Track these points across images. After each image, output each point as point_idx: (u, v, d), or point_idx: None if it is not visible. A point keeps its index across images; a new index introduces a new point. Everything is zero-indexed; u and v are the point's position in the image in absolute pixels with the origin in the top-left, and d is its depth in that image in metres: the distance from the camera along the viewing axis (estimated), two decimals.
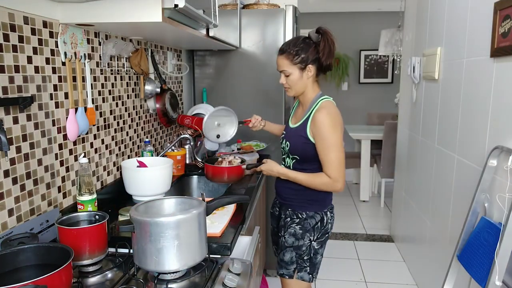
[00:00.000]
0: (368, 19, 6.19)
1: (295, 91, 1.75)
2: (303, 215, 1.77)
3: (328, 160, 1.65)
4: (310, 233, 1.76)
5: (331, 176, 1.65)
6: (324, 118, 1.63)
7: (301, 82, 1.71)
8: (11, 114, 1.21)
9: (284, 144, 1.81)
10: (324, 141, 1.64)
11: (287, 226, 1.79)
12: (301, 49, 1.67)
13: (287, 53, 1.68)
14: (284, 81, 1.74)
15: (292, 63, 1.68)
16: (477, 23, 1.94)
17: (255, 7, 2.75)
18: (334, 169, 1.64)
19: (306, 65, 1.68)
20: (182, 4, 1.33)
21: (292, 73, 1.69)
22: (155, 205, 1.27)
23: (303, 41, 1.69)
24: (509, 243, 1.45)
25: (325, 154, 1.65)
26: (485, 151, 1.81)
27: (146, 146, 2.09)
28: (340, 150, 1.65)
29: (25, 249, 1.07)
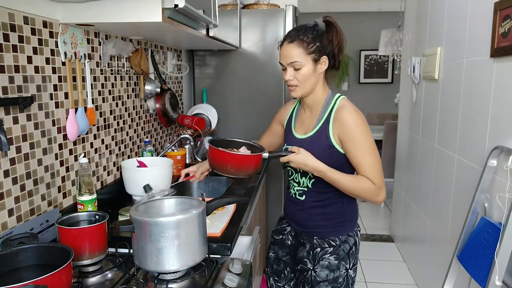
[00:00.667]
0: (368, 19, 6.19)
1: (304, 90, 1.42)
2: (336, 242, 1.48)
3: (368, 164, 1.37)
4: (346, 261, 1.48)
5: (376, 183, 1.37)
6: (355, 117, 1.38)
7: (313, 78, 1.41)
8: (11, 114, 1.21)
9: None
10: (360, 143, 1.37)
11: (318, 258, 1.48)
12: (315, 36, 1.38)
13: (300, 40, 1.36)
14: (292, 77, 1.40)
15: (307, 53, 1.37)
16: (477, 23, 1.94)
17: (255, 7, 2.75)
18: (377, 174, 1.37)
19: (321, 55, 1.39)
20: (182, 4, 1.33)
21: (305, 65, 1.37)
22: (155, 205, 1.27)
23: (314, 29, 1.39)
24: (509, 243, 1.45)
25: (363, 158, 1.37)
26: (485, 151, 1.81)
27: (146, 146, 2.09)
28: (377, 153, 1.40)
29: (25, 249, 1.07)
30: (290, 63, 1.38)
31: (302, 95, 1.44)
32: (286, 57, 1.39)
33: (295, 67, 1.38)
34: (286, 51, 1.39)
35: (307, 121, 1.50)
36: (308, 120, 1.50)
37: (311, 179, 1.47)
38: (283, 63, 1.41)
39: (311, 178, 1.47)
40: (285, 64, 1.40)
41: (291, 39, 1.38)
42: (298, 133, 1.52)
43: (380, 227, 3.99)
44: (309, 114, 1.51)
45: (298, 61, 1.37)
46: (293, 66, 1.38)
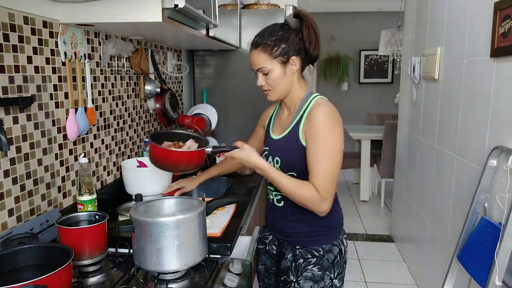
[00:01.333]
0: (368, 19, 6.19)
1: (279, 93, 1.37)
2: (319, 252, 1.41)
3: (320, 170, 1.26)
4: (330, 271, 1.42)
5: (320, 191, 1.26)
6: (323, 115, 1.29)
7: (285, 80, 1.35)
8: (11, 114, 1.21)
9: (272, 161, 1.42)
10: (320, 145, 1.27)
11: (301, 270, 1.41)
12: (280, 38, 1.31)
13: (264, 45, 1.32)
14: (263, 82, 1.36)
15: (272, 57, 1.31)
16: (477, 23, 1.94)
17: (255, 7, 2.75)
18: (325, 183, 1.26)
19: (289, 57, 1.33)
20: (182, 4, 1.33)
21: (272, 70, 1.32)
22: (155, 205, 1.27)
23: (281, 29, 1.34)
24: (509, 243, 1.45)
25: (318, 161, 1.27)
26: (485, 151, 1.81)
27: (146, 146, 2.09)
28: (337, 162, 1.28)
29: (25, 249, 1.07)
30: (258, 69, 1.35)
31: (278, 98, 1.40)
32: (253, 64, 1.36)
33: (263, 72, 1.34)
34: (252, 58, 1.36)
35: (284, 121, 1.45)
36: (285, 120, 1.45)
37: None
38: (253, 69, 1.38)
39: None
40: (255, 70, 1.37)
41: (255, 45, 1.34)
42: (275, 133, 1.47)
43: (380, 227, 3.99)
44: (287, 114, 1.45)
45: (264, 67, 1.33)
46: (261, 71, 1.35)
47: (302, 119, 1.35)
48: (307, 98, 1.39)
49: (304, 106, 1.37)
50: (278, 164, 1.39)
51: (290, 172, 1.36)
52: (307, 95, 1.40)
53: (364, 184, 4.71)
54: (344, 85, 6.33)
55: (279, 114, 1.51)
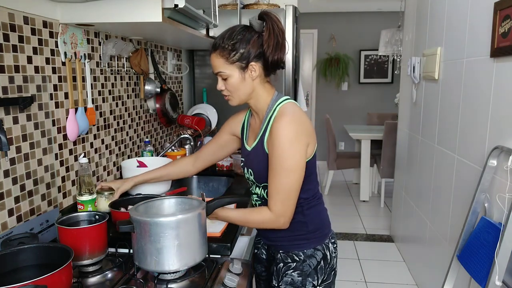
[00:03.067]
0: (368, 19, 6.20)
1: (239, 98, 1.30)
2: (300, 256, 1.35)
3: (276, 187, 1.23)
4: (313, 277, 1.35)
5: (273, 210, 1.24)
6: (283, 129, 1.21)
7: (244, 86, 1.27)
8: (11, 114, 1.21)
9: (247, 173, 1.38)
10: (277, 160, 1.21)
11: (282, 274, 1.36)
12: (238, 42, 1.23)
13: (221, 49, 1.24)
14: (223, 87, 1.29)
15: (229, 62, 1.24)
16: (477, 23, 1.94)
17: (255, 7, 2.75)
18: (280, 200, 1.23)
19: (248, 62, 1.24)
20: (182, 4, 1.33)
21: (230, 75, 1.25)
22: (155, 205, 1.27)
23: (241, 32, 1.25)
24: (509, 243, 1.45)
25: (274, 177, 1.23)
26: (485, 151, 1.81)
27: (146, 146, 2.10)
28: (294, 178, 1.23)
29: (25, 249, 1.07)
30: (216, 73, 1.28)
31: (239, 103, 1.33)
32: (213, 67, 1.28)
33: (222, 76, 1.27)
34: (211, 61, 1.28)
35: (255, 130, 1.37)
36: (256, 130, 1.37)
37: (265, 188, 1.32)
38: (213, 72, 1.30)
39: (265, 188, 1.32)
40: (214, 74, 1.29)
41: (214, 48, 1.26)
42: (248, 144, 1.39)
43: (380, 227, 3.99)
44: (258, 122, 1.36)
45: (221, 72, 1.26)
46: (219, 75, 1.28)
47: (267, 130, 1.28)
48: (273, 104, 1.30)
49: (269, 113, 1.29)
50: (252, 176, 1.35)
51: (263, 183, 1.31)
52: (273, 100, 1.31)
53: (364, 184, 4.71)
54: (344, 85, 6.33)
55: (252, 123, 1.42)
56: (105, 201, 1.51)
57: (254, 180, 1.35)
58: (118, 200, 1.50)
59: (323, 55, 6.26)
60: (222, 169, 2.35)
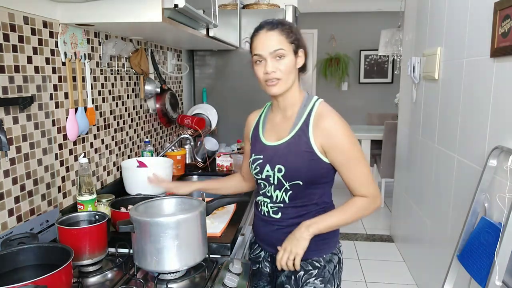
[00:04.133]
0: (368, 19, 6.20)
1: (287, 84, 1.25)
2: (320, 262, 1.31)
3: (357, 176, 1.26)
4: (331, 283, 1.32)
5: (367, 194, 1.26)
6: (341, 126, 1.25)
7: (294, 73, 1.26)
8: (11, 114, 1.21)
9: (269, 170, 1.29)
10: (349, 154, 1.24)
11: (302, 284, 1.30)
12: (293, 27, 1.26)
13: (281, 28, 1.22)
14: (275, 68, 1.22)
15: (289, 41, 1.22)
16: (477, 23, 1.94)
17: (255, 7, 2.75)
18: (369, 184, 1.26)
19: (299, 48, 1.25)
20: (182, 4, 1.33)
21: (287, 54, 1.22)
22: (155, 205, 1.27)
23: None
24: (509, 243, 1.45)
25: (350, 169, 1.25)
26: (485, 151, 1.81)
27: (146, 146, 2.10)
28: (366, 161, 1.28)
29: (25, 249, 1.07)
30: (274, 51, 1.21)
31: (284, 90, 1.26)
32: (267, 46, 1.21)
33: (278, 55, 1.21)
34: (266, 39, 1.21)
35: (280, 125, 1.32)
36: (281, 124, 1.32)
37: (287, 191, 1.28)
38: (262, 53, 1.22)
39: (287, 190, 1.27)
40: (266, 54, 1.21)
41: (271, 27, 1.22)
42: (269, 140, 1.33)
43: (380, 227, 3.99)
44: (283, 117, 1.32)
45: (282, 49, 1.20)
46: (276, 54, 1.21)
47: (309, 125, 1.25)
48: (308, 101, 1.30)
49: (306, 110, 1.27)
50: (281, 173, 1.26)
51: (295, 181, 1.25)
52: (306, 98, 1.31)
53: None
54: (344, 85, 6.33)
55: (270, 118, 1.38)
56: (105, 208, 1.52)
57: (283, 178, 1.26)
58: (118, 200, 1.50)
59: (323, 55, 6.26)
60: (222, 169, 2.35)
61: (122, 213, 1.40)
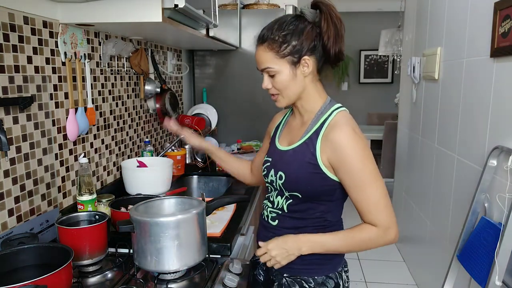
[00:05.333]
0: (368, 19, 6.20)
1: (288, 99, 1.15)
2: (310, 283, 1.17)
3: (365, 200, 1.10)
4: None
5: (379, 223, 1.09)
6: (352, 141, 1.08)
7: (295, 84, 1.13)
8: (11, 114, 1.21)
9: (273, 175, 1.20)
10: (355, 175, 1.09)
11: None
12: (290, 33, 1.09)
13: (271, 41, 1.10)
14: (270, 85, 1.14)
15: (279, 56, 1.10)
16: (477, 23, 1.94)
17: (255, 7, 2.75)
18: (381, 210, 1.09)
19: (301, 57, 1.10)
20: (182, 4, 1.33)
21: (279, 71, 1.11)
22: (155, 205, 1.27)
23: (293, 22, 1.11)
24: (509, 243, 1.45)
25: (357, 192, 1.10)
26: (485, 151, 1.81)
27: (146, 146, 2.10)
28: (381, 181, 1.11)
29: (25, 249, 1.07)
30: (263, 69, 1.14)
31: (288, 104, 1.18)
32: (258, 63, 1.14)
33: (269, 73, 1.13)
34: (257, 55, 1.14)
35: (295, 131, 1.22)
36: (296, 130, 1.22)
37: (287, 199, 1.18)
38: (257, 68, 1.16)
39: (287, 199, 1.18)
40: (259, 70, 1.16)
41: (261, 40, 1.12)
42: (282, 144, 1.24)
43: None
44: (299, 123, 1.22)
45: (269, 67, 1.11)
46: (267, 72, 1.13)
47: (319, 135, 1.12)
48: (326, 108, 1.16)
49: (321, 117, 1.15)
50: (282, 180, 1.17)
51: (293, 192, 1.15)
52: (326, 104, 1.17)
53: None
54: (344, 85, 6.33)
55: (289, 122, 1.28)
56: (105, 208, 1.52)
57: (282, 186, 1.17)
58: (118, 200, 1.50)
59: None
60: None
61: (122, 213, 1.40)
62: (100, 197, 1.54)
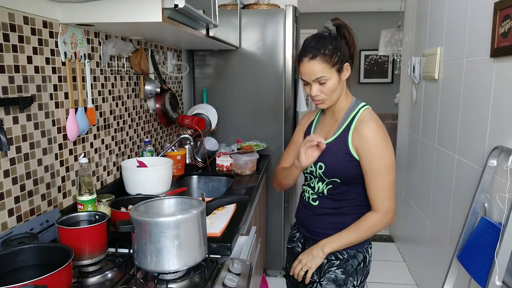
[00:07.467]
0: (368, 19, 6.20)
1: (332, 101, 1.38)
2: (343, 255, 1.42)
3: (381, 185, 1.34)
4: (354, 277, 1.43)
5: (380, 209, 1.35)
6: (375, 133, 1.32)
7: (340, 88, 1.37)
8: (11, 114, 1.21)
9: (313, 166, 1.43)
10: (374, 161, 1.32)
11: (324, 270, 1.42)
12: (336, 45, 1.33)
13: (322, 55, 1.31)
14: (319, 92, 1.35)
15: (331, 66, 1.32)
16: (477, 23, 1.94)
17: (255, 7, 2.75)
18: (386, 198, 1.35)
19: (343, 64, 1.35)
20: (182, 4, 1.33)
21: (330, 78, 1.33)
22: (155, 205, 1.27)
23: (333, 38, 1.35)
24: (509, 243, 1.45)
25: (375, 178, 1.34)
26: (485, 151, 1.81)
27: (146, 146, 2.10)
28: (392, 176, 1.35)
29: (25, 249, 1.07)
30: (316, 79, 1.33)
31: (330, 105, 1.40)
32: (310, 74, 1.33)
33: (320, 82, 1.33)
34: (309, 68, 1.33)
35: (328, 127, 1.45)
36: (329, 127, 1.45)
37: (328, 185, 1.42)
38: (306, 80, 1.35)
39: (328, 184, 1.41)
40: (310, 81, 1.35)
41: (312, 55, 1.32)
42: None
43: None
44: (331, 120, 1.45)
45: (324, 76, 1.32)
46: (318, 81, 1.34)
47: (350, 129, 1.36)
48: (354, 106, 1.41)
49: (351, 114, 1.39)
50: (322, 170, 1.40)
51: (333, 178, 1.39)
52: (353, 103, 1.42)
53: None
54: None
55: (321, 120, 1.51)
56: (105, 208, 1.52)
57: (323, 175, 1.40)
58: (118, 200, 1.50)
59: None
60: (222, 169, 2.36)
61: (122, 213, 1.40)
62: (100, 197, 1.54)
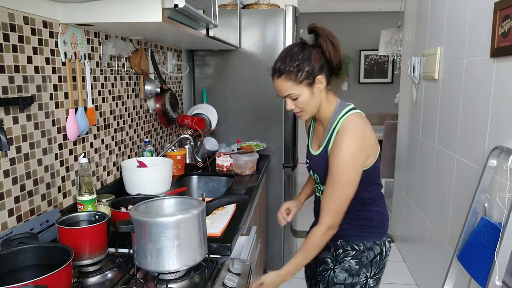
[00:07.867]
0: (368, 19, 6.20)
1: (311, 112, 1.39)
2: (360, 246, 1.45)
3: (331, 198, 1.34)
4: (367, 269, 1.45)
5: (323, 223, 1.34)
6: (346, 147, 1.30)
7: (314, 100, 1.36)
8: (11, 114, 1.21)
9: (313, 175, 1.51)
10: (337, 174, 1.32)
11: (339, 260, 1.46)
12: (302, 61, 1.31)
13: (287, 73, 1.31)
14: (293, 106, 1.37)
15: (297, 82, 1.32)
16: (477, 23, 1.94)
17: (255, 7, 2.75)
18: (331, 213, 1.34)
19: (314, 77, 1.32)
20: (182, 4, 1.33)
21: (300, 94, 1.33)
22: (155, 205, 1.27)
23: (301, 51, 1.32)
24: (509, 243, 1.45)
25: (331, 189, 1.34)
26: (485, 151, 1.81)
27: (146, 146, 2.10)
28: (349, 191, 1.33)
29: (25, 249, 1.07)
30: (285, 96, 1.36)
31: (310, 116, 1.41)
32: (280, 91, 1.37)
33: (291, 98, 1.35)
34: (277, 86, 1.36)
35: (320, 135, 1.47)
36: (321, 135, 1.46)
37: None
38: (279, 96, 1.39)
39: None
40: (282, 97, 1.38)
41: (278, 73, 1.33)
42: (313, 148, 1.49)
43: None
44: (321, 129, 1.47)
45: (291, 93, 1.34)
46: (289, 97, 1.36)
47: (331, 139, 1.36)
48: (336, 114, 1.38)
49: (333, 123, 1.37)
50: (318, 178, 1.47)
51: None
52: (336, 110, 1.39)
53: None
54: (344, 85, 6.33)
55: (315, 127, 1.52)
56: (105, 208, 1.52)
57: (320, 182, 1.48)
58: (118, 200, 1.50)
59: None
60: (222, 169, 2.36)
61: (122, 213, 1.40)
62: (100, 197, 1.54)
